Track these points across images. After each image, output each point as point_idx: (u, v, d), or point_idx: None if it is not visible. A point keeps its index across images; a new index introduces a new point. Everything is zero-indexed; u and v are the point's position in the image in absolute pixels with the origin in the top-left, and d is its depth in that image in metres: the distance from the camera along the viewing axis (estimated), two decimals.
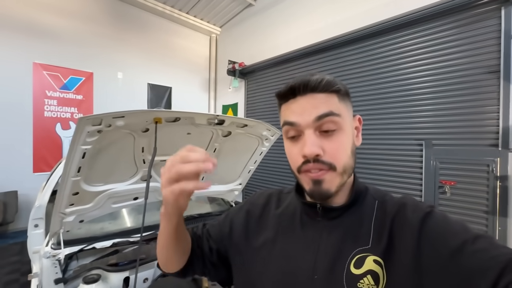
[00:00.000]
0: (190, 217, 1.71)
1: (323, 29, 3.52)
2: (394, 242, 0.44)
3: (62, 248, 1.18)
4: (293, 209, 0.55)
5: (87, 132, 0.89)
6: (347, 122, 0.47)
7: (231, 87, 4.81)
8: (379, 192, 0.52)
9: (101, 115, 0.87)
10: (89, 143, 0.93)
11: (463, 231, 0.40)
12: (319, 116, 0.44)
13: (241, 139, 1.44)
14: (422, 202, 0.47)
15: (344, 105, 0.47)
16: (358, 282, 0.43)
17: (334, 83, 0.45)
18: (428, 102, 2.63)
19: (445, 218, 0.43)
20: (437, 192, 2.56)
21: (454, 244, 0.38)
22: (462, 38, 2.44)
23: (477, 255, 0.36)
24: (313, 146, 0.43)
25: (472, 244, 0.37)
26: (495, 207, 2.25)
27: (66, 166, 0.96)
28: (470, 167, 2.40)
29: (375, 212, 0.48)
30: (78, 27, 3.98)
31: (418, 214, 0.44)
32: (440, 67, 2.55)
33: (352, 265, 0.44)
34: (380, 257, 0.43)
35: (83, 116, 0.82)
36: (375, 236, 0.45)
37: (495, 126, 2.28)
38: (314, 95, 0.45)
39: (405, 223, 0.44)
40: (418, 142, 2.69)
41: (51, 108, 3.81)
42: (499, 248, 0.36)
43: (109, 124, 0.92)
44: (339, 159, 0.45)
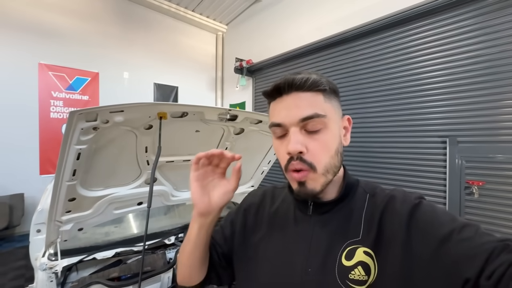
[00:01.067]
0: None
1: (333, 23, 3.35)
2: (383, 234, 0.45)
3: (59, 260, 1.07)
4: (287, 205, 0.57)
5: (80, 129, 0.76)
6: (333, 121, 0.47)
7: (239, 86, 4.69)
8: (370, 185, 0.53)
9: (96, 109, 0.75)
10: (84, 142, 0.81)
11: (450, 221, 0.41)
12: (303, 118, 0.44)
13: (254, 137, 1.30)
14: (412, 193, 0.48)
15: (330, 105, 0.47)
16: (349, 273, 0.44)
17: (320, 83, 0.45)
18: (452, 96, 2.44)
19: (433, 208, 0.44)
20: (463, 193, 2.36)
21: (442, 233, 0.39)
22: (487, 26, 2.24)
23: (464, 244, 0.37)
24: (296, 144, 0.44)
25: (459, 233, 0.38)
26: None
27: (59, 168, 0.84)
28: (500, 165, 2.20)
29: (366, 205, 0.49)
30: (83, 27, 3.93)
31: (407, 205, 0.45)
32: (462, 58, 2.36)
33: (343, 257, 0.46)
34: (370, 249, 0.44)
35: (75, 110, 0.70)
36: (366, 228, 0.46)
37: None
38: (299, 94, 0.46)
39: (394, 214, 0.45)
40: (441, 140, 2.49)
41: (57, 109, 3.76)
42: (484, 236, 0.37)
43: (106, 120, 0.80)
44: (320, 159, 0.45)
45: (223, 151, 0.51)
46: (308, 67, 3.70)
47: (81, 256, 1.15)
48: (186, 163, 1.25)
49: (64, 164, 0.83)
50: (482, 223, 2.20)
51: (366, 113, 2.92)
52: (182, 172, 1.30)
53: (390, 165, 2.80)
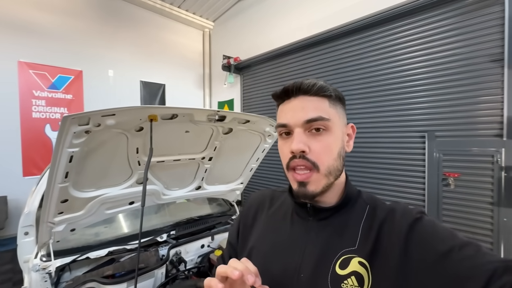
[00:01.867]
0: (191, 220, 1.62)
1: (320, 21, 3.42)
2: (380, 246, 0.44)
3: (53, 260, 1.09)
4: (286, 208, 0.57)
5: (73, 133, 0.79)
6: (337, 126, 0.49)
7: (227, 83, 4.69)
8: (372, 197, 0.53)
9: (88, 113, 0.77)
10: (77, 145, 0.83)
11: (451, 238, 0.40)
12: (308, 119, 0.46)
13: (242, 136, 1.35)
14: (413, 208, 0.48)
15: (334, 110, 0.49)
16: (342, 282, 0.43)
17: (326, 89, 0.48)
18: (430, 93, 2.57)
19: (433, 224, 0.43)
20: (440, 184, 2.51)
21: (441, 249, 0.39)
22: (463, 26, 2.37)
23: (465, 262, 0.36)
24: (299, 143, 0.45)
25: (460, 250, 0.38)
26: (500, 198, 2.21)
27: (51, 171, 0.86)
28: (474, 158, 2.35)
29: (365, 216, 0.49)
30: (65, 24, 3.81)
31: (407, 219, 0.44)
32: (441, 57, 2.49)
33: (337, 265, 0.45)
34: (366, 259, 0.44)
35: (68, 115, 0.72)
36: (362, 239, 0.46)
37: (499, 116, 2.23)
38: (306, 97, 0.48)
39: (393, 227, 0.45)
40: (420, 135, 2.63)
41: (39, 109, 3.65)
42: (486, 256, 0.37)
43: (98, 124, 0.82)
44: (323, 159, 0.46)
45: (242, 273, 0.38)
46: (295, 64, 3.76)
47: (74, 256, 1.17)
48: (176, 162, 1.28)
49: (56, 167, 0.85)
50: (458, 212, 2.36)
51: (349, 110, 3.02)
52: (173, 172, 1.33)
53: (373, 159, 2.93)
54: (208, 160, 1.38)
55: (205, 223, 1.60)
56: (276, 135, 1.49)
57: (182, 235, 1.47)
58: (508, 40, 2.15)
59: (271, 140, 1.48)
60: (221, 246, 1.47)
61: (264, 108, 4.23)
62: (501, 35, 2.19)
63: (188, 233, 1.48)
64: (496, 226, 2.22)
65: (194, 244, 1.44)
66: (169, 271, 1.27)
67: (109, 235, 1.37)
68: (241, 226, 0.63)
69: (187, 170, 1.39)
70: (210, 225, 1.60)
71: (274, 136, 1.45)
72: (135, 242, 1.31)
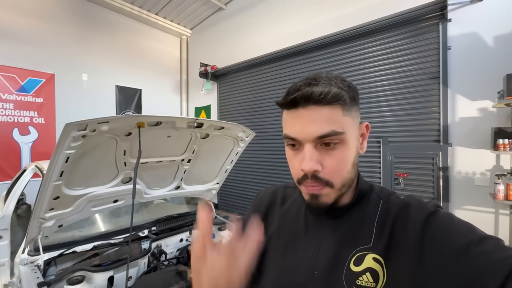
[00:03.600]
0: (170, 217, 1.77)
1: (293, 35, 3.74)
2: (395, 241, 0.43)
3: (42, 254, 1.19)
4: (298, 206, 0.56)
5: (72, 137, 0.93)
6: (351, 135, 0.45)
7: (204, 89, 4.84)
8: (385, 191, 0.51)
9: (86, 121, 0.92)
10: (73, 147, 0.97)
11: (468, 232, 0.39)
12: (320, 136, 0.42)
13: (218, 140, 1.54)
14: (428, 201, 0.46)
15: (349, 117, 0.45)
16: (357, 279, 0.43)
17: (340, 96, 0.43)
18: (385, 103, 2.96)
19: (450, 217, 0.42)
20: (393, 183, 2.89)
21: (458, 244, 0.37)
22: (410, 48, 2.80)
23: (483, 257, 0.35)
24: (311, 162, 0.42)
25: (478, 245, 0.36)
26: (439, 194, 2.61)
27: (49, 170, 0.98)
28: (418, 160, 2.76)
29: (379, 211, 0.47)
30: (37, 26, 3.73)
31: (422, 213, 0.43)
32: (394, 72, 2.90)
33: (352, 262, 0.44)
34: (380, 256, 0.43)
35: (70, 122, 0.87)
36: (377, 235, 0.45)
37: (437, 124, 2.66)
38: (316, 108, 0.42)
39: (408, 222, 0.43)
40: (376, 140, 3.00)
41: (7, 112, 3.52)
42: (505, 251, 0.35)
43: (93, 129, 0.97)
44: (337, 176, 0.44)
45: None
46: (270, 74, 4.03)
47: (61, 250, 1.28)
48: (158, 164, 1.44)
49: (54, 166, 0.98)
50: None
51: None
52: (155, 172, 1.49)
53: None
54: (187, 161, 1.55)
55: (183, 220, 1.76)
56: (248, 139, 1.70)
57: (162, 230, 1.61)
58: (442, 61, 2.60)
59: (244, 145, 1.69)
60: None
61: (240, 114, 4.45)
62: (437, 57, 2.63)
63: (168, 229, 1.63)
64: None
65: (174, 238, 1.59)
66: (151, 262, 1.41)
67: (94, 231, 1.48)
68: None
69: (168, 171, 1.55)
70: (188, 221, 1.76)
71: (246, 141, 1.67)
72: (119, 237, 1.44)
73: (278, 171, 3.92)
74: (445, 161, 2.61)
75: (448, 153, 2.59)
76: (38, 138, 3.77)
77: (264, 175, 4.09)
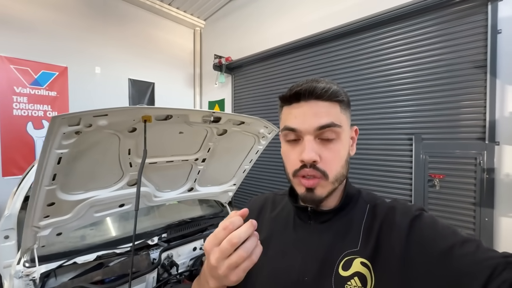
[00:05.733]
0: (183, 222, 1.59)
1: (312, 23, 3.45)
2: (382, 245, 0.44)
3: (37, 266, 1.04)
4: (287, 212, 0.57)
5: (62, 134, 0.75)
6: (346, 132, 0.48)
7: (218, 83, 4.65)
8: (371, 196, 0.53)
9: (79, 114, 0.74)
10: (66, 146, 0.80)
11: (451, 234, 0.40)
12: (320, 126, 0.45)
13: (236, 137, 1.34)
14: (413, 204, 0.48)
15: (344, 115, 0.48)
16: (346, 284, 0.44)
17: (339, 94, 0.47)
18: (417, 97, 2.65)
19: (433, 221, 0.43)
20: (426, 185, 2.59)
21: (442, 246, 0.39)
22: (448, 33, 2.46)
23: (466, 259, 0.37)
24: (311, 152, 0.44)
25: (460, 247, 0.38)
26: (482, 199, 2.30)
27: (38, 173, 0.81)
28: (458, 160, 2.44)
29: (366, 216, 0.49)
30: (50, 18, 3.66)
31: (407, 217, 0.44)
32: (428, 62, 2.57)
33: (340, 267, 0.45)
34: (368, 260, 0.44)
35: (58, 115, 0.69)
36: (364, 239, 0.46)
37: (482, 120, 2.32)
38: (317, 102, 0.46)
39: (393, 226, 0.44)
40: (408, 137, 2.70)
41: (21, 106, 3.49)
42: (486, 252, 0.37)
43: (89, 124, 0.79)
44: (332, 168, 0.46)
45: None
46: (287, 66, 3.78)
47: (60, 262, 1.12)
48: (169, 164, 1.25)
49: (43, 168, 0.81)
50: (442, 212, 2.44)
51: None
52: (165, 173, 1.31)
53: (363, 161, 2.98)
54: (201, 161, 1.36)
55: (197, 225, 1.58)
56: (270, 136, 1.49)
57: (174, 237, 1.44)
58: (490, 47, 2.25)
59: (265, 142, 1.48)
60: None
61: (256, 108, 4.23)
62: (484, 42, 2.28)
63: (180, 236, 1.45)
64: (478, 225, 2.31)
65: (186, 246, 1.41)
66: (161, 275, 1.24)
67: (97, 239, 1.33)
68: None
69: (180, 171, 1.36)
70: (202, 227, 1.58)
71: (268, 138, 1.45)
72: (125, 245, 1.27)
73: None
74: (491, 162, 2.28)
75: (495, 153, 2.26)
76: None
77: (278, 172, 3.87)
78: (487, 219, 2.30)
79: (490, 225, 2.29)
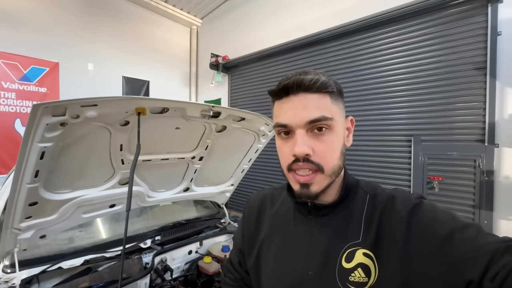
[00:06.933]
0: (177, 224, 1.51)
1: (309, 24, 3.42)
2: (383, 235, 0.44)
3: (17, 271, 0.95)
4: (287, 207, 0.57)
5: (45, 125, 0.67)
6: (339, 123, 0.47)
7: (214, 82, 4.59)
8: (371, 185, 0.52)
9: (65, 102, 0.66)
10: (49, 139, 0.72)
11: (451, 220, 0.40)
12: (310, 120, 0.44)
13: (236, 134, 1.27)
14: (412, 193, 0.48)
15: (336, 106, 0.47)
16: (350, 275, 0.44)
17: (328, 85, 0.45)
18: (417, 98, 2.63)
19: (433, 207, 0.43)
20: (425, 187, 2.57)
21: (442, 232, 0.39)
22: (449, 34, 2.45)
23: (466, 244, 0.37)
24: (303, 146, 0.43)
25: (461, 232, 0.38)
26: (481, 202, 2.28)
27: (18, 169, 0.73)
28: (457, 162, 2.42)
29: (366, 206, 0.49)
30: (41, 11, 3.54)
31: (407, 205, 0.44)
32: (428, 63, 2.55)
33: (343, 259, 0.45)
34: (370, 250, 0.44)
35: (39, 103, 0.61)
36: (365, 230, 0.46)
37: (481, 122, 2.31)
38: (307, 95, 0.45)
39: (394, 215, 0.44)
40: (407, 138, 2.68)
41: (9, 102, 3.35)
42: (486, 237, 0.37)
43: (76, 115, 0.71)
44: (327, 160, 0.45)
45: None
46: (285, 65, 3.73)
47: (44, 266, 1.03)
48: (164, 162, 1.18)
49: (24, 164, 0.73)
50: None
51: None
52: (159, 172, 1.23)
53: (361, 162, 2.95)
54: (198, 160, 1.28)
55: (192, 227, 1.50)
56: (271, 134, 1.43)
57: (168, 240, 1.35)
58: (490, 49, 2.24)
59: (265, 140, 1.41)
60: (210, 252, 1.38)
61: (253, 108, 4.16)
62: (484, 44, 2.27)
63: (174, 238, 1.37)
64: (478, 223, 2.30)
65: (181, 250, 1.33)
66: (153, 280, 1.16)
67: (86, 242, 1.24)
68: (245, 230, 0.63)
69: (175, 170, 1.28)
70: (198, 230, 1.50)
71: (268, 136, 1.39)
72: (115, 249, 1.18)
73: None
74: (490, 164, 2.26)
75: (494, 155, 2.24)
76: None
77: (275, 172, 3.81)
78: (486, 222, 2.28)
79: (489, 228, 2.27)
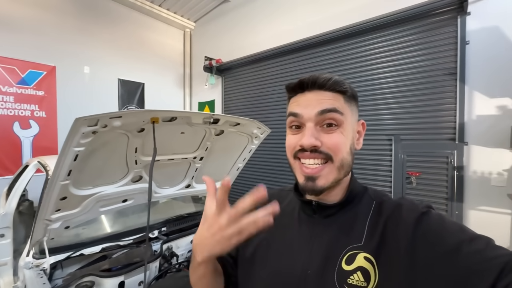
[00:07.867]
0: (180, 217, 1.69)
1: (299, 29, 3.61)
2: (387, 241, 0.43)
3: (48, 257, 1.11)
4: (292, 206, 0.57)
5: (82, 133, 0.84)
6: (349, 123, 0.48)
7: (208, 84, 4.72)
8: (378, 193, 0.52)
9: (98, 116, 0.83)
10: (83, 144, 0.89)
11: (459, 231, 0.39)
12: (322, 110, 0.45)
13: (232, 137, 1.46)
14: (420, 202, 0.47)
15: (348, 107, 0.48)
16: (348, 278, 0.43)
17: (342, 84, 0.47)
18: (397, 100, 2.86)
19: (441, 218, 0.42)
20: (404, 182, 2.81)
21: (450, 243, 0.38)
22: (424, 42, 2.68)
23: (475, 256, 0.36)
24: (311, 138, 0.45)
25: (469, 244, 0.37)
26: (453, 194, 2.53)
27: (56, 169, 0.90)
28: (432, 159, 2.67)
29: (371, 212, 0.48)
30: (38, 16, 3.61)
31: (414, 213, 0.43)
32: (407, 68, 2.78)
33: (343, 261, 0.45)
34: (371, 255, 0.43)
35: (80, 117, 0.78)
36: (368, 235, 0.45)
37: (452, 122, 2.56)
38: (321, 92, 0.47)
39: (400, 222, 0.43)
40: (388, 138, 2.91)
41: (7, 105, 3.42)
42: (496, 250, 0.36)
43: (105, 125, 0.88)
44: (336, 151, 0.45)
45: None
46: (276, 69, 3.91)
47: (68, 253, 1.20)
48: (169, 161, 1.35)
49: (61, 165, 0.90)
50: None
51: None
52: (165, 170, 1.40)
53: None
54: (199, 159, 1.46)
55: (193, 220, 1.68)
56: (263, 136, 1.62)
57: (173, 231, 1.54)
58: (460, 56, 2.49)
59: (258, 142, 1.60)
60: None
61: (246, 110, 4.34)
62: (454, 52, 2.52)
63: (178, 229, 1.55)
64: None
65: (185, 239, 1.52)
66: (162, 264, 1.34)
67: (100, 233, 1.41)
68: None
69: (179, 169, 1.46)
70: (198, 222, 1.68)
71: (260, 138, 1.58)
72: (128, 238, 1.36)
73: (282, 168, 3.83)
74: (460, 160, 2.52)
75: (464, 152, 2.50)
76: (39, 132, 3.67)
77: (268, 172, 4.01)
78: (457, 212, 2.53)
79: (460, 218, 2.52)
